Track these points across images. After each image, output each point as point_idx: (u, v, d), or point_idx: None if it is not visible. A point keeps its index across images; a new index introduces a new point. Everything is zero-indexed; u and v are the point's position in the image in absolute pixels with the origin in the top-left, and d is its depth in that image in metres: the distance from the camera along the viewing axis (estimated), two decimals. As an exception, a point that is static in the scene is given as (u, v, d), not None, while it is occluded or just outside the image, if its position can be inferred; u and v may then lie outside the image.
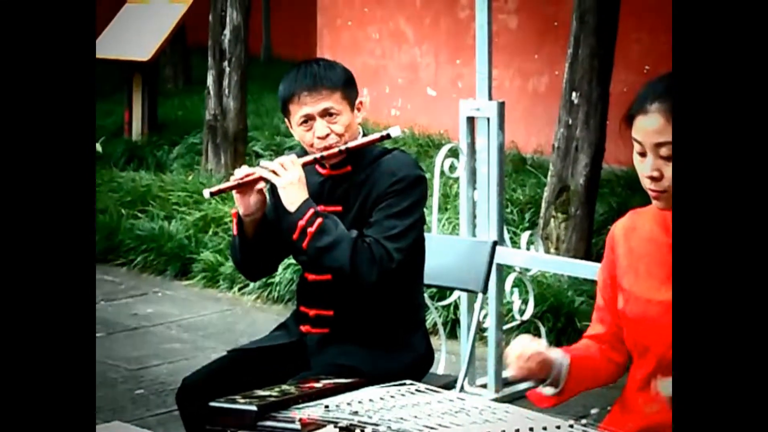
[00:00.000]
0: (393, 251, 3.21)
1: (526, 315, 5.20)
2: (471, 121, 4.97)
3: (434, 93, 9.45)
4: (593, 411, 4.14)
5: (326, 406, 2.47)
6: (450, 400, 2.52)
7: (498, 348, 4.99)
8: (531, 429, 2.29)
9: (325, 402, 2.50)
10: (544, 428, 2.30)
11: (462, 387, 3.68)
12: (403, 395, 2.55)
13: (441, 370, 4.64)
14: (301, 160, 3.30)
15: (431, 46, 9.51)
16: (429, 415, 2.39)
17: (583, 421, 2.39)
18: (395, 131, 3.30)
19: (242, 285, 6.55)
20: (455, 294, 5.18)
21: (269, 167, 3.26)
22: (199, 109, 9.67)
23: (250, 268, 3.52)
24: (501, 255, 4.76)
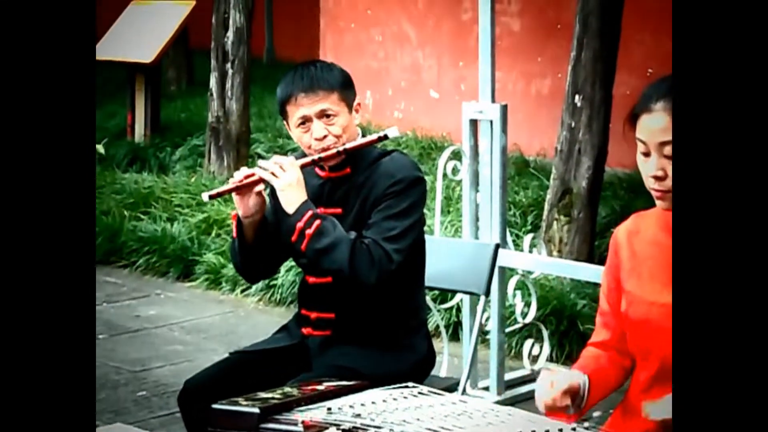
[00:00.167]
0: (392, 252, 3.21)
1: (529, 318, 5.20)
2: (474, 124, 4.96)
3: (437, 95, 9.45)
4: (595, 414, 4.13)
5: (329, 409, 2.47)
6: (452, 403, 2.52)
7: (500, 351, 4.99)
8: (533, 432, 2.29)
9: (328, 404, 2.50)
10: (546, 431, 2.30)
11: (464, 390, 3.68)
12: (405, 398, 2.55)
13: (443, 373, 4.64)
14: (299, 162, 3.30)
15: (434, 48, 9.51)
16: (432, 417, 2.39)
17: (585, 423, 2.38)
18: (393, 132, 3.30)
19: (245, 287, 6.55)
20: (457, 296, 5.18)
21: (267, 168, 3.26)
22: (202, 111, 9.67)
23: (249, 271, 3.51)
24: (503, 257, 4.76)
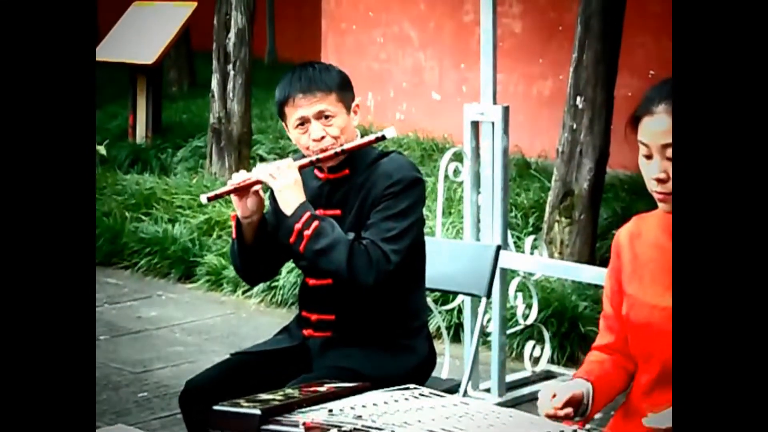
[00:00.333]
0: (390, 253, 3.20)
1: (530, 319, 5.20)
2: (475, 126, 4.96)
3: (438, 97, 9.45)
4: (597, 416, 4.12)
5: (330, 411, 2.47)
6: (454, 405, 2.52)
7: (501, 352, 4.99)
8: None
9: (329, 406, 2.50)
10: (547, 433, 2.30)
11: (465, 391, 3.68)
12: (407, 399, 2.55)
13: (444, 375, 4.64)
14: (297, 163, 3.30)
15: (436, 50, 9.51)
16: (433, 419, 2.39)
17: (587, 426, 2.38)
18: (390, 132, 3.30)
19: (246, 288, 6.55)
20: (459, 298, 5.18)
21: (266, 170, 3.27)
22: (204, 112, 9.67)
23: (249, 272, 3.50)
24: (505, 259, 4.76)
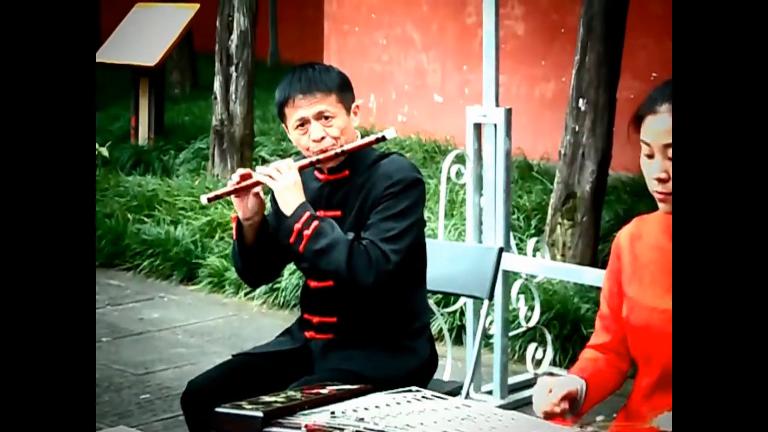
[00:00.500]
0: (390, 253, 3.20)
1: (532, 322, 5.20)
2: (478, 128, 4.96)
3: (441, 99, 9.45)
4: (599, 418, 4.11)
5: (332, 413, 2.46)
6: (456, 407, 2.52)
7: (504, 355, 4.99)
8: (537, 436, 2.29)
9: (331, 408, 2.50)
10: (549, 436, 2.30)
11: (467, 394, 3.68)
12: (409, 402, 2.55)
13: (447, 377, 4.64)
14: (297, 164, 3.30)
15: (438, 52, 9.51)
16: (435, 421, 2.39)
17: (589, 429, 2.38)
18: (390, 133, 3.30)
19: (248, 290, 6.55)
20: (461, 300, 5.18)
21: (266, 171, 3.27)
22: (206, 114, 9.68)
23: (250, 274, 3.50)
24: (507, 261, 4.76)
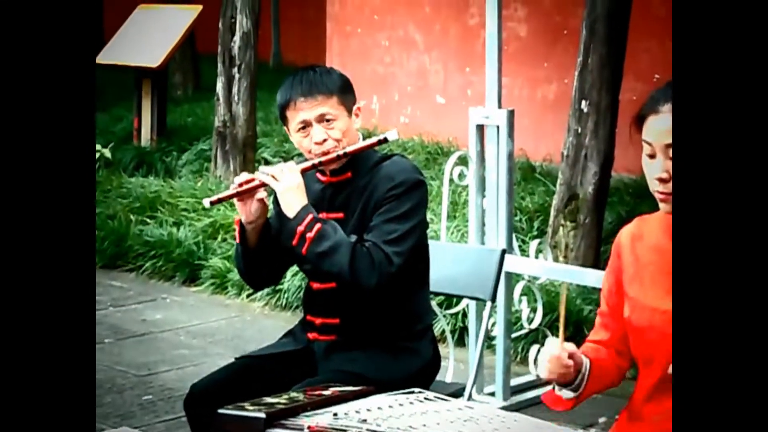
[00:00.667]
0: (392, 255, 3.20)
1: (535, 323, 5.19)
2: (480, 129, 4.96)
3: (443, 100, 9.45)
4: (601, 420, 4.12)
5: (335, 414, 2.46)
6: (458, 409, 2.52)
7: (506, 356, 4.99)
8: (539, 438, 2.29)
9: (334, 410, 2.50)
10: (552, 437, 2.30)
11: (470, 395, 3.68)
12: (411, 403, 2.55)
13: (449, 378, 4.63)
14: (299, 166, 3.31)
15: (441, 53, 9.51)
16: (437, 423, 2.39)
17: (591, 430, 2.38)
18: (392, 135, 3.30)
19: (250, 292, 6.55)
20: (464, 302, 5.18)
21: (268, 173, 3.27)
22: (209, 115, 9.68)
23: (253, 277, 3.50)
24: (510, 263, 4.76)
